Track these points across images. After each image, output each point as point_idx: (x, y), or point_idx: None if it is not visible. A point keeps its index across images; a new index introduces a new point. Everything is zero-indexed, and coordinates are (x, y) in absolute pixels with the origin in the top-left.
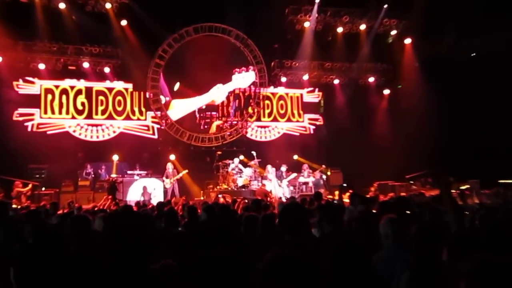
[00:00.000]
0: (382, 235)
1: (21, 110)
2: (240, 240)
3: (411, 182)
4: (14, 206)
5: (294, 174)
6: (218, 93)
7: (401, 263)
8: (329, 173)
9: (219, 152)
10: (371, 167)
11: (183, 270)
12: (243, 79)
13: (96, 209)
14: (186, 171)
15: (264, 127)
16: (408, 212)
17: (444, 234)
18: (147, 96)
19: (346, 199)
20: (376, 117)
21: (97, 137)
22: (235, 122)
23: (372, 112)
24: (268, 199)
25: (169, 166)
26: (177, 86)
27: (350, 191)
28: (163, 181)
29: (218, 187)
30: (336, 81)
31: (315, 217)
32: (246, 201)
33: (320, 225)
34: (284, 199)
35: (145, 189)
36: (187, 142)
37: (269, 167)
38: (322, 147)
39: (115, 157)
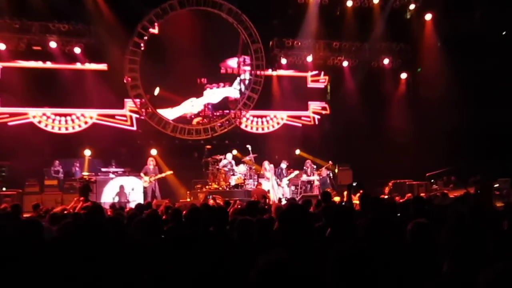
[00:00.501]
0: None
1: None
2: (232, 249)
3: (432, 181)
4: None
5: (296, 172)
6: (189, 107)
7: None
8: (336, 170)
9: (208, 146)
10: (386, 164)
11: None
12: (214, 94)
13: (65, 212)
14: (171, 172)
15: (261, 116)
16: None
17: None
18: (125, 81)
19: (356, 201)
20: (392, 106)
21: (66, 128)
22: (227, 111)
23: (387, 99)
24: (266, 200)
25: (151, 162)
26: (157, 91)
27: (361, 191)
28: (141, 177)
29: (207, 187)
30: (345, 64)
31: (321, 221)
32: (240, 203)
33: (326, 231)
34: (284, 201)
35: (122, 189)
36: (171, 134)
37: (266, 163)
38: (329, 141)
39: (87, 152)
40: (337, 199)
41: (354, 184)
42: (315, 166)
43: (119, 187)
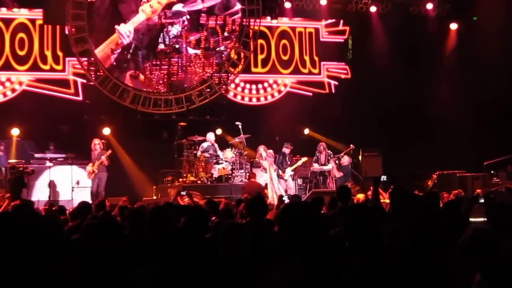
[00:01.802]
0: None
1: None
2: (215, 265)
3: (492, 172)
4: None
5: (304, 159)
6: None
7: None
8: (360, 158)
9: (182, 124)
10: (429, 149)
11: None
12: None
13: None
14: (110, 151)
15: (257, 82)
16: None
17: None
18: (66, 32)
19: (385, 200)
20: (438, 70)
21: None
22: (209, 75)
23: (430, 60)
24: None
25: (96, 146)
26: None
27: (392, 186)
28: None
29: (181, 179)
30: (373, 9)
31: (337, 226)
32: (226, 203)
33: (344, 240)
34: (287, 200)
35: (62, 182)
36: (131, 107)
37: (263, 148)
38: (350, 116)
39: (15, 132)
40: (360, 196)
41: (384, 177)
42: (330, 152)
43: (58, 179)
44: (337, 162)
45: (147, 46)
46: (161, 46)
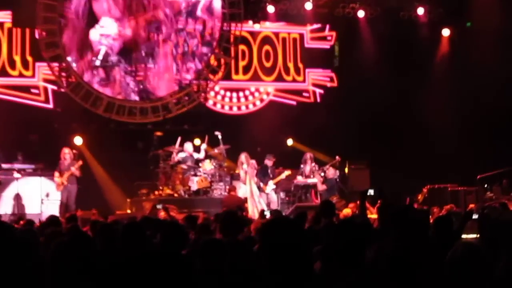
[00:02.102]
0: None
1: None
2: (193, 284)
3: (486, 186)
4: None
5: (287, 172)
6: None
7: None
8: (347, 170)
9: (159, 133)
10: (419, 162)
11: None
12: None
13: None
14: (80, 162)
15: (238, 90)
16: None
17: None
18: (37, 35)
19: (373, 215)
20: (429, 76)
21: None
22: (188, 82)
23: (421, 67)
24: (243, 214)
25: (66, 155)
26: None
27: (381, 200)
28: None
29: (156, 192)
30: (361, 14)
31: (321, 244)
32: (204, 217)
33: (328, 259)
34: (268, 214)
35: (20, 197)
36: (105, 115)
37: (244, 156)
38: (337, 126)
39: None
40: (347, 211)
41: (371, 191)
42: (316, 166)
43: (27, 191)
44: (322, 175)
45: (120, 52)
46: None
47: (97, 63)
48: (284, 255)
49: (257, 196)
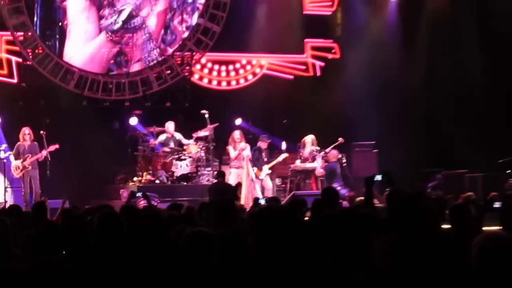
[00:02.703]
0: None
1: None
2: (178, 282)
3: (508, 171)
4: None
5: (284, 155)
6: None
7: None
8: (351, 153)
9: (137, 112)
10: (432, 144)
11: None
12: None
13: None
14: (56, 146)
15: (227, 62)
16: None
17: None
18: None
19: (379, 203)
20: (448, 45)
21: None
22: (170, 54)
23: (437, 34)
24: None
25: (26, 136)
26: None
27: (389, 188)
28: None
29: (135, 179)
30: None
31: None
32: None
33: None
34: (263, 202)
35: None
36: (76, 91)
37: (238, 134)
38: (339, 104)
39: None
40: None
41: (379, 176)
42: (316, 147)
43: None
44: (319, 159)
45: (95, 19)
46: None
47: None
48: (279, 248)
49: (250, 182)
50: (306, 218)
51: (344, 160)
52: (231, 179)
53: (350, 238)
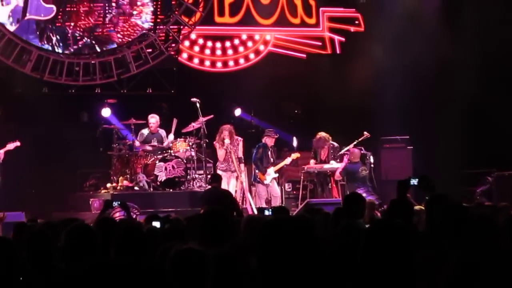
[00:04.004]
0: None
1: None
2: None
3: None
4: None
5: (294, 155)
6: None
7: None
8: (378, 151)
9: (111, 101)
10: (481, 140)
11: None
12: None
13: None
14: (17, 143)
15: (223, 38)
16: None
17: None
18: None
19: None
20: (499, 10)
21: None
22: (151, 27)
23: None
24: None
25: None
26: None
27: (428, 194)
28: None
29: (109, 185)
30: None
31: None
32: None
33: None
34: (268, 212)
35: None
36: (34, 75)
37: (227, 131)
38: (364, 90)
39: None
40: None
41: (415, 180)
42: (336, 144)
43: None
44: (346, 158)
45: None
46: None
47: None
48: (289, 270)
49: (241, 189)
50: (324, 234)
51: (372, 160)
52: (231, 186)
53: (380, 261)
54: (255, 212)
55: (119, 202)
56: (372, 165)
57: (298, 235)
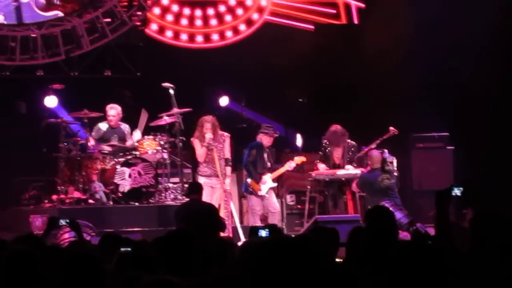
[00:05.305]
0: None
1: None
2: None
3: None
4: None
5: (298, 158)
6: None
7: None
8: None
9: (58, 87)
10: None
11: None
12: None
13: None
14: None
15: (204, 4)
16: None
17: None
18: None
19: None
20: None
21: None
22: None
23: None
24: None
25: None
26: None
27: (473, 207)
28: None
29: (56, 195)
30: None
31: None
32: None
33: None
34: (264, 234)
35: None
36: None
37: (208, 124)
38: (388, 72)
39: None
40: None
41: (457, 190)
42: (353, 143)
43: None
44: (366, 160)
45: None
46: None
47: None
48: None
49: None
50: (339, 260)
51: (395, 165)
52: (212, 198)
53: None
54: (240, 232)
55: (67, 221)
56: (395, 173)
57: (302, 261)
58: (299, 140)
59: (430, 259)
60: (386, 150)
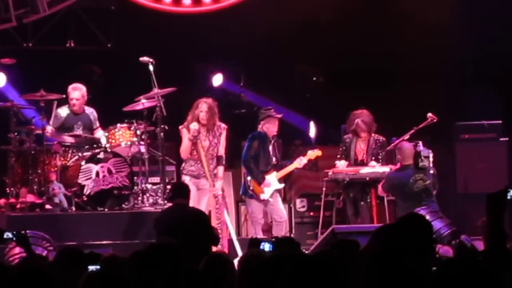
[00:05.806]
0: None
1: None
2: None
3: None
4: None
5: (312, 152)
6: None
7: None
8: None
9: (8, 61)
10: None
11: None
12: None
13: None
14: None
15: None
16: None
17: None
18: None
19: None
20: None
21: None
22: None
23: None
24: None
25: None
26: None
27: None
28: None
29: (4, 199)
30: None
31: None
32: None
33: None
34: (267, 248)
35: None
36: None
37: (204, 106)
38: (421, 48)
39: None
40: None
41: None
42: (381, 138)
43: None
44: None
45: None
46: None
47: None
48: None
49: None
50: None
51: (431, 161)
52: (203, 203)
53: None
54: (237, 246)
55: (14, 233)
56: (432, 171)
57: (317, 281)
58: (312, 130)
59: (479, 281)
60: (420, 142)
